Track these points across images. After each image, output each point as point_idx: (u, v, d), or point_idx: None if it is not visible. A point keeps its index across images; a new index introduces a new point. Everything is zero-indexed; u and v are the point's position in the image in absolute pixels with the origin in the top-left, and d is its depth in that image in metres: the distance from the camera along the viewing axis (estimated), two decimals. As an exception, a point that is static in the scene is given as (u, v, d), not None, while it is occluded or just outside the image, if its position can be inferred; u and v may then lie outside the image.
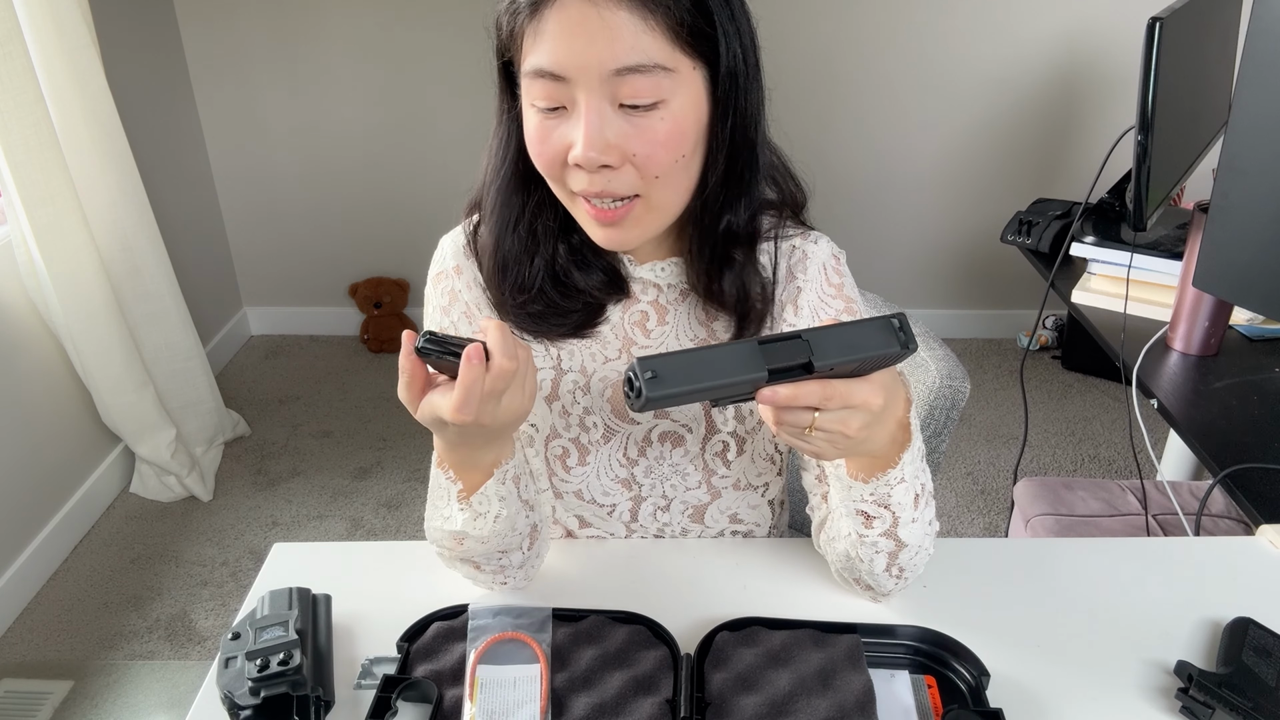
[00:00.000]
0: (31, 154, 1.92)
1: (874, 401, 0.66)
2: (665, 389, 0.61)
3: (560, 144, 0.75)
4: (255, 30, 2.78)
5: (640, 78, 0.71)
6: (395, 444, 2.64)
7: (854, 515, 0.79)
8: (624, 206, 0.77)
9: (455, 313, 0.90)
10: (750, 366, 0.63)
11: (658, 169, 0.75)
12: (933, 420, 1.09)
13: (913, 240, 3.02)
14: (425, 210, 3.02)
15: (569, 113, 0.74)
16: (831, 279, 0.91)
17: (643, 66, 0.71)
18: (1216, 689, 0.74)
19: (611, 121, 0.73)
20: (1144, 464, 2.28)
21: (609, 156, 0.73)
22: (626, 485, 0.94)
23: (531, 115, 0.76)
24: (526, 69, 0.74)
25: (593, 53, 0.70)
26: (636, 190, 0.76)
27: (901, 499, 0.76)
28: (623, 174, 0.75)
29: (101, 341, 2.15)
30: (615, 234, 0.79)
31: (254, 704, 0.70)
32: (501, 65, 0.80)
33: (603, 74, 0.71)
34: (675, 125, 0.74)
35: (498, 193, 0.84)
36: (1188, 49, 1.40)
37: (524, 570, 0.87)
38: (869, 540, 0.79)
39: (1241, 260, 1.17)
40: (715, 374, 0.63)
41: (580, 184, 0.76)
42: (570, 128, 0.74)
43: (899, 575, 0.82)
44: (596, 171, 0.74)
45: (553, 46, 0.71)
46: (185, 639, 1.97)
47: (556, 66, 0.72)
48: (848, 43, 2.74)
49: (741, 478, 0.94)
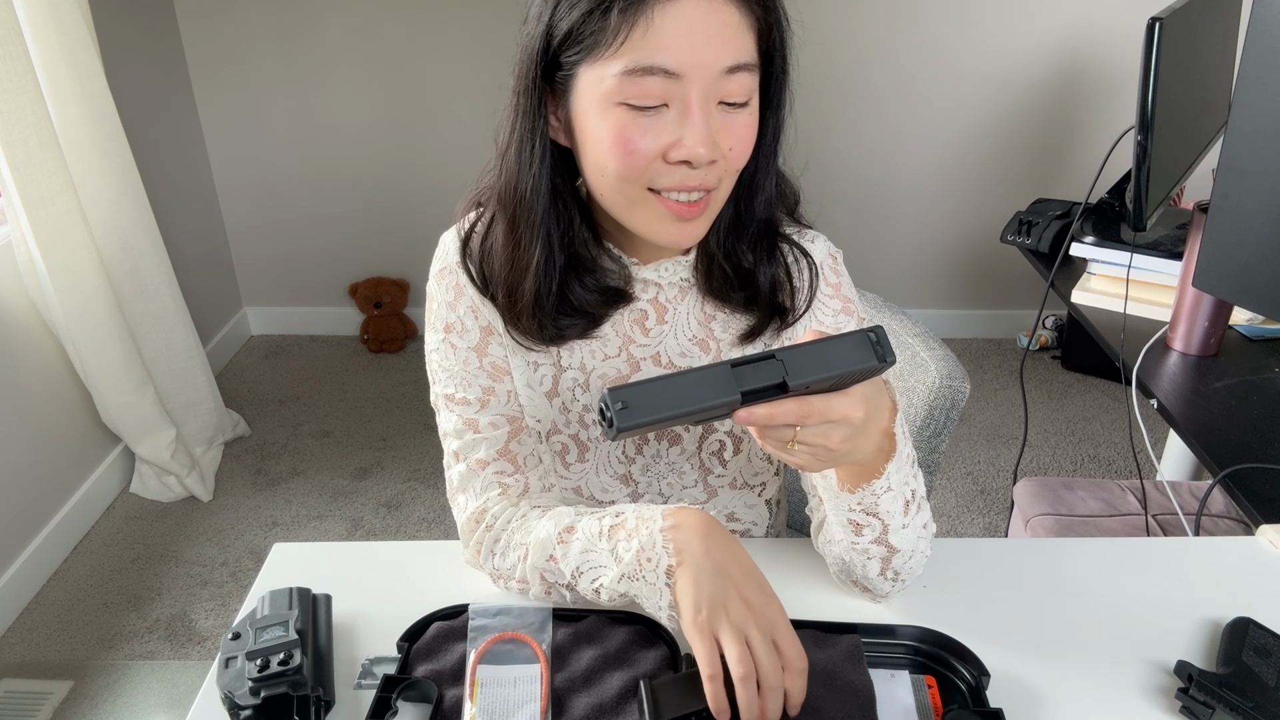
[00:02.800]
0: (31, 154, 1.92)
1: (854, 415, 0.66)
2: (637, 419, 0.62)
3: (658, 143, 0.74)
4: (255, 30, 2.78)
5: (745, 75, 0.74)
6: (395, 444, 2.64)
7: (844, 524, 0.79)
8: (702, 200, 0.78)
9: (461, 307, 0.89)
10: (723, 390, 0.63)
11: (740, 163, 0.78)
12: (933, 420, 1.09)
13: (913, 240, 3.02)
14: (425, 210, 3.02)
15: (668, 110, 0.73)
16: (829, 278, 0.91)
17: (746, 65, 0.73)
18: (1216, 689, 0.74)
19: (714, 117, 0.74)
20: (1144, 464, 2.28)
21: (716, 153, 0.74)
22: (625, 481, 0.94)
23: (616, 115, 0.73)
24: (625, 66, 0.71)
25: (709, 50, 0.71)
26: (717, 184, 0.78)
27: (889, 507, 0.77)
28: (716, 168, 0.76)
29: (101, 342, 2.15)
30: (689, 228, 0.79)
31: (254, 704, 0.70)
32: (544, 65, 0.76)
33: (717, 71, 0.72)
34: (754, 120, 0.77)
35: (529, 209, 0.81)
36: (1188, 49, 1.40)
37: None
38: (860, 548, 0.80)
39: (1241, 260, 1.17)
40: (687, 400, 0.63)
41: (672, 180, 0.76)
42: (668, 126, 0.74)
43: (894, 578, 0.83)
44: (701, 167, 0.75)
45: (671, 44, 0.71)
46: (185, 639, 1.97)
47: (674, 64, 0.71)
48: (848, 42, 2.74)
49: (738, 477, 0.94)
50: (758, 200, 0.85)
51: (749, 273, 0.87)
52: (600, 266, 0.87)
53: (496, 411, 0.89)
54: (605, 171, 0.77)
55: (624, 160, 0.75)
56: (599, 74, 0.73)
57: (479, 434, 0.88)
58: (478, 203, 0.89)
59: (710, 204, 0.79)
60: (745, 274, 0.87)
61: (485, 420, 0.89)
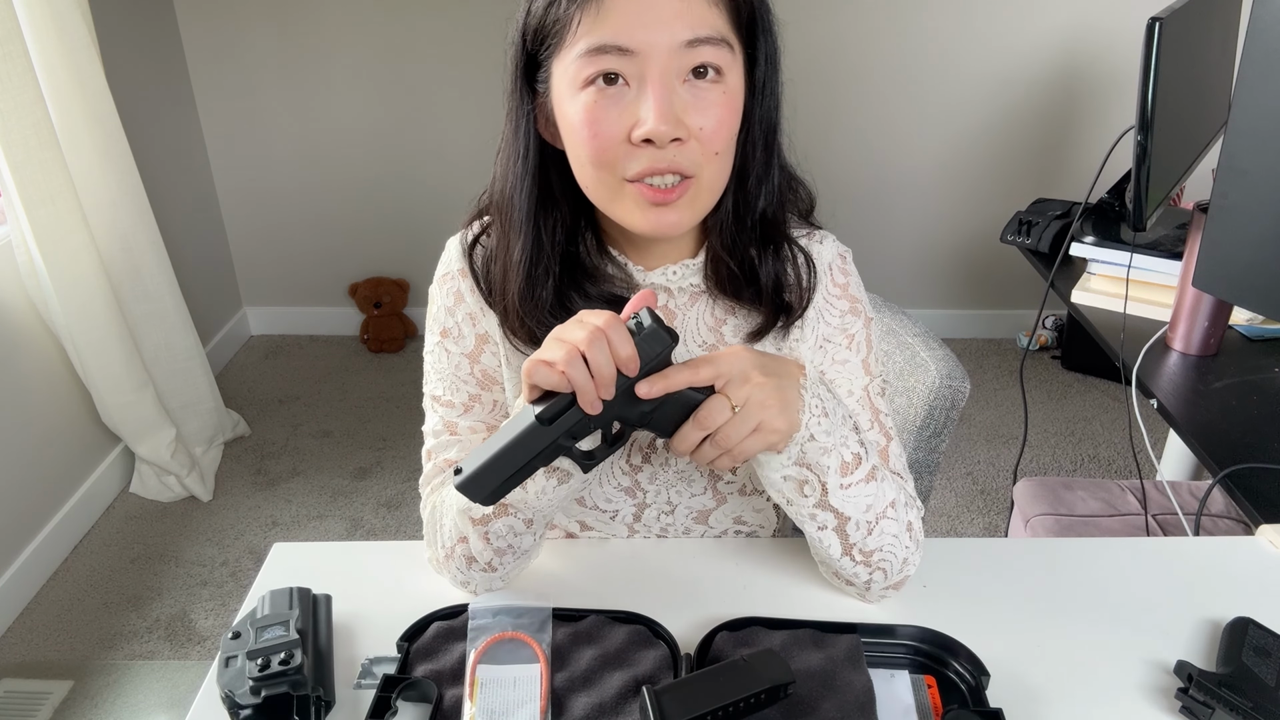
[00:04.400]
0: (31, 154, 1.92)
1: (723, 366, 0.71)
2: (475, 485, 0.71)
3: (619, 124, 0.74)
4: (255, 30, 2.78)
5: (709, 48, 0.73)
6: (395, 444, 2.64)
7: (785, 486, 0.77)
8: (679, 186, 0.76)
9: (460, 314, 0.90)
10: (530, 429, 0.70)
11: (719, 144, 0.76)
12: (932, 420, 1.09)
13: (913, 240, 3.03)
14: (425, 210, 3.02)
15: (629, 90, 0.73)
16: (836, 279, 0.91)
17: (710, 39, 0.73)
18: (1216, 689, 0.74)
19: (678, 94, 0.73)
20: (1144, 464, 2.28)
21: (679, 130, 0.73)
22: (630, 493, 0.93)
23: (581, 99, 0.74)
24: (582, 48, 0.72)
25: (663, 25, 0.71)
26: (697, 169, 0.76)
27: (820, 460, 0.75)
28: (688, 149, 0.75)
29: (101, 341, 2.15)
30: (667, 215, 0.77)
31: (254, 703, 0.70)
32: (524, 66, 0.78)
33: (673, 45, 0.72)
34: (731, 99, 0.76)
35: (523, 203, 0.83)
36: (1188, 49, 1.40)
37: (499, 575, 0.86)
38: (807, 512, 0.78)
39: (1241, 260, 1.17)
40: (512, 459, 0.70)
41: (641, 164, 0.75)
42: (631, 106, 0.73)
43: (864, 562, 0.81)
44: (665, 147, 0.74)
45: (621, 20, 0.71)
46: (185, 639, 1.97)
47: (626, 39, 0.71)
48: (847, 43, 2.74)
49: (747, 483, 0.94)
50: (754, 193, 0.84)
51: (755, 268, 0.87)
52: (602, 273, 0.86)
53: (478, 418, 0.90)
54: (583, 162, 0.77)
55: (592, 144, 0.75)
56: (565, 63, 0.75)
57: (455, 436, 0.90)
58: (482, 210, 0.90)
59: (693, 191, 0.77)
60: (753, 270, 0.87)
61: (465, 424, 0.90)
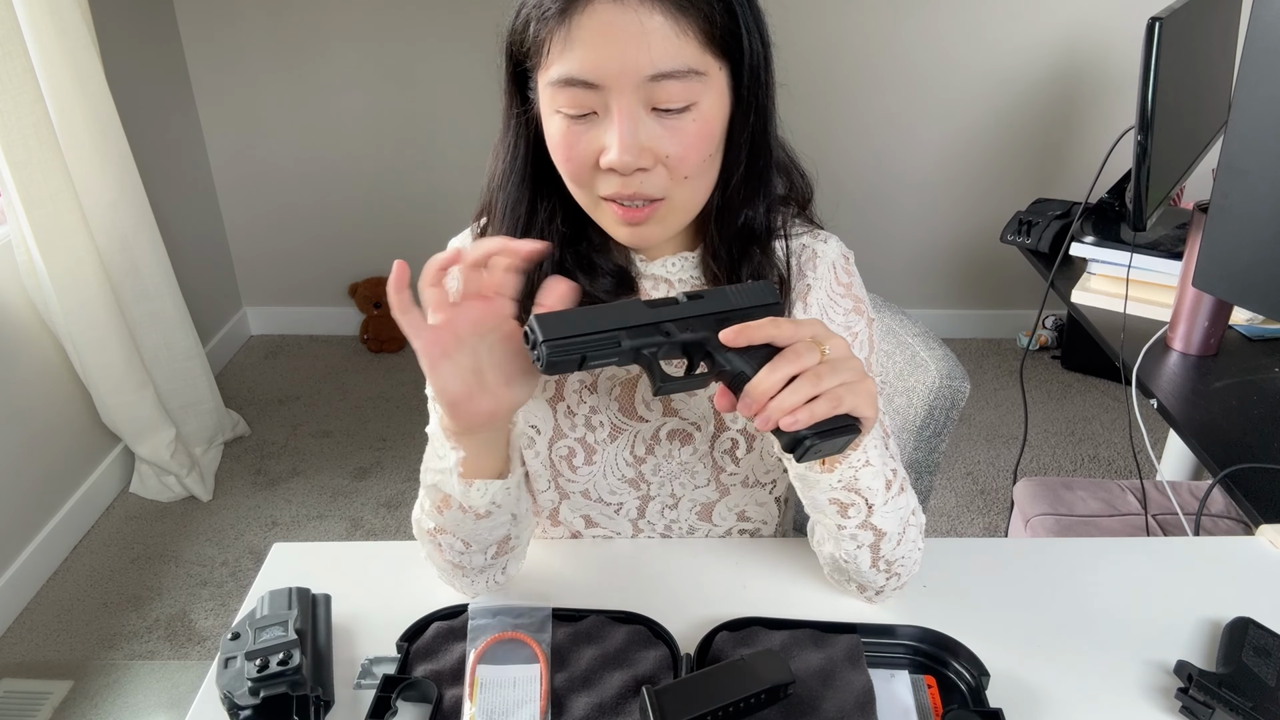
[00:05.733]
0: (31, 154, 1.92)
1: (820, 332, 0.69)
2: (559, 332, 0.67)
3: (590, 150, 0.74)
4: (255, 30, 2.78)
5: (674, 83, 0.71)
6: (395, 444, 2.64)
7: (829, 508, 0.78)
8: (648, 207, 0.77)
9: None
10: (638, 315, 0.70)
11: (688, 169, 0.76)
12: (933, 420, 1.09)
13: (913, 240, 3.02)
14: (426, 210, 3.02)
15: (599, 118, 0.74)
16: (841, 278, 0.91)
17: (677, 72, 0.71)
18: (1216, 689, 0.74)
19: (644, 124, 0.73)
20: (1144, 464, 2.28)
21: (643, 160, 0.73)
22: (634, 484, 0.94)
23: (556, 121, 0.75)
24: (553, 76, 0.73)
25: (628, 59, 0.70)
26: (665, 192, 0.76)
27: (871, 484, 0.76)
28: (654, 175, 0.75)
29: (101, 341, 2.15)
30: (640, 232, 0.79)
31: (254, 704, 0.70)
32: (512, 71, 0.79)
33: (637, 80, 0.71)
34: (704, 125, 0.75)
35: (506, 198, 0.84)
36: (1188, 49, 1.40)
37: (484, 575, 0.86)
38: (848, 532, 0.79)
39: (1241, 260, 1.17)
40: (606, 321, 0.69)
41: (610, 188, 0.76)
42: (600, 132, 0.74)
43: (886, 570, 0.82)
44: (630, 175, 0.74)
45: (585, 54, 0.71)
46: (185, 639, 1.97)
47: (590, 74, 0.71)
48: (847, 43, 2.74)
49: (750, 475, 0.94)
50: (743, 194, 0.83)
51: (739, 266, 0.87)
52: (608, 259, 0.87)
53: None
54: (563, 174, 0.79)
55: (566, 166, 0.77)
56: (543, 83, 0.75)
57: None
58: (483, 207, 0.90)
59: (662, 211, 0.78)
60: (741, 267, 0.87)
61: None
